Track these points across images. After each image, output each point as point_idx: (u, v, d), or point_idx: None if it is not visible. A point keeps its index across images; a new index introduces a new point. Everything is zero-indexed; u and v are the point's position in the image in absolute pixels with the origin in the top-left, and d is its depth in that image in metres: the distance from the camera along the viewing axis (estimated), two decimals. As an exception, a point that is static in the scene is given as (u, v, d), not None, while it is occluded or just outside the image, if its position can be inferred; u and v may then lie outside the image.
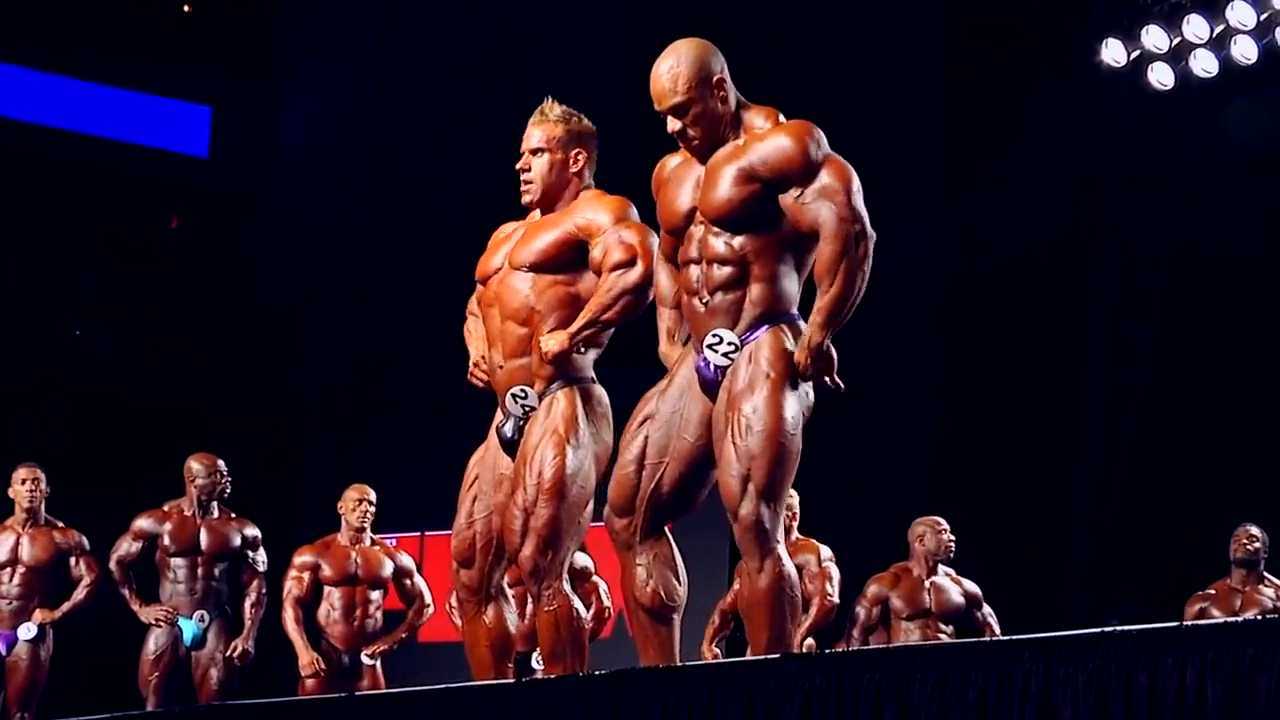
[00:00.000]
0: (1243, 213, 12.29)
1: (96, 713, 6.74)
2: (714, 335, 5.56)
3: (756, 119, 5.61)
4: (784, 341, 5.52)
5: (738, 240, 5.55)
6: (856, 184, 5.53)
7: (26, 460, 9.64)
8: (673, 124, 5.62)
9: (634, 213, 6.10)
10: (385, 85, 14.66)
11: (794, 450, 5.47)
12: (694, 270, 5.64)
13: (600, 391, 6.15)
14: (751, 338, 5.54)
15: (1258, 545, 9.64)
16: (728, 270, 5.57)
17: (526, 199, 6.20)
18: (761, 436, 5.41)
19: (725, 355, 5.54)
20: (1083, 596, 12.34)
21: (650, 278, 5.93)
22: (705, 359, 5.57)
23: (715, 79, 5.60)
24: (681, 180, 5.70)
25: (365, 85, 14.68)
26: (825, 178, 5.49)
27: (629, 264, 5.97)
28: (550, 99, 6.21)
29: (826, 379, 5.50)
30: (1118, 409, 12.69)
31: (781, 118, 5.64)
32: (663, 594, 5.71)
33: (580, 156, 6.17)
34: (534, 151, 6.17)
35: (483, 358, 6.25)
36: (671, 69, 5.61)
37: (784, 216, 5.53)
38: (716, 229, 5.58)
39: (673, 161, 5.79)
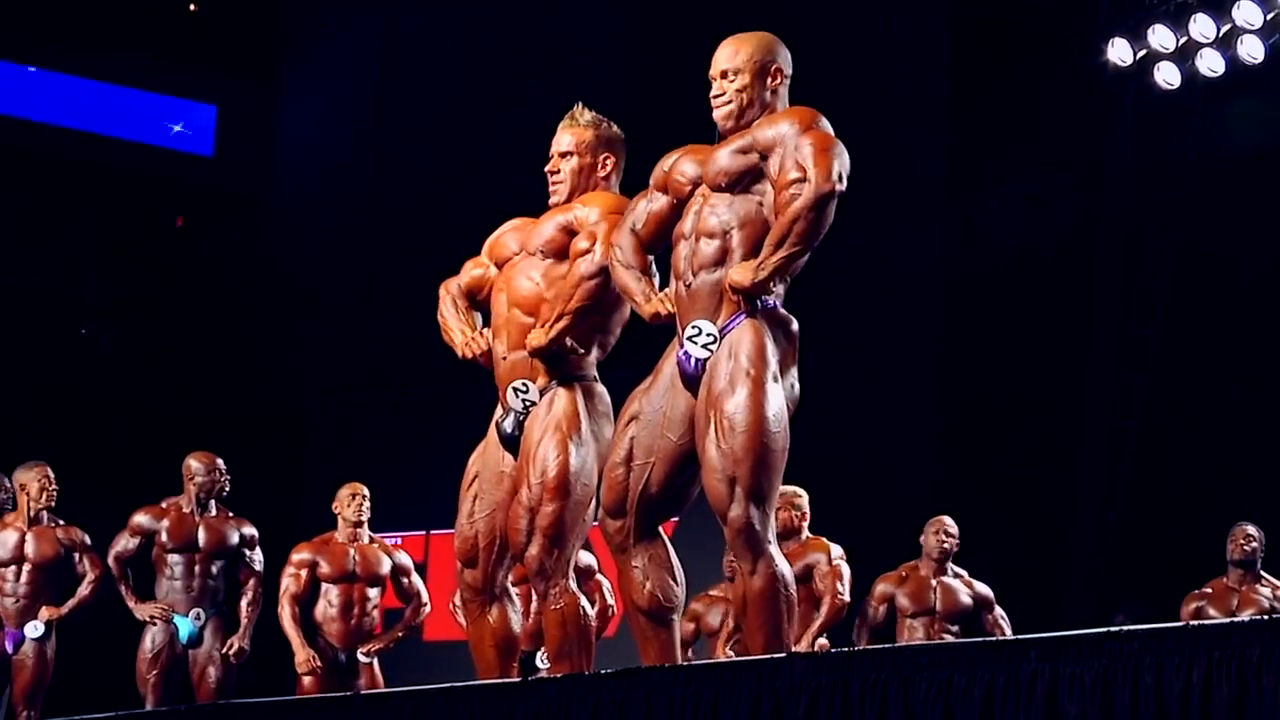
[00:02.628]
0: (1248, 212, 12.27)
1: (98, 711, 6.73)
2: (693, 327, 5.58)
3: (779, 116, 5.69)
4: (763, 336, 5.51)
5: (729, 213, 5.60)
6: (837, 149, 5.55)
7: (38, 459, 9.62)
8: (716, 86, 5.74)
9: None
10: (390, 85, 14.67)
11: (779, 448, 5.47)
12: (683, 248, 5.69)
13: (602, 389, 6.16)
14: (730, 327, 5.54)
15: (1254, 545, 9.62)
16: (714, 246, 5.60)
17: (554, 200, 6.24)
18: (745, 437, 5.40)
19: (705, 347, 5.55)
20: (1088, 596, 12.33)
21: (607, 263, 5.95)
22: (685, 351, 5.58)
23: (773, 68, 5.75)
24: (693, 156, 5.77)
25: (370, 85, 14.69)
26: (804, 141, 5.56)
27: (588, 252, 6.01)
28: (581, 104, 6.28)
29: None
30: (1122, 409, 12.68)
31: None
32: (660, 596, 5.71)
33: (609, 161, 6.23)
34: (563, 155, 6.24)
35: (479, 333, 6.25)
36: (740, 42, 5.78)
37: (768, 194, 5.57)
38: (714, 199, 5.63)
39: (675, 155, 5.83)
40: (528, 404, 6.07)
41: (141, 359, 13.93)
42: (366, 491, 9.69)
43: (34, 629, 9.41)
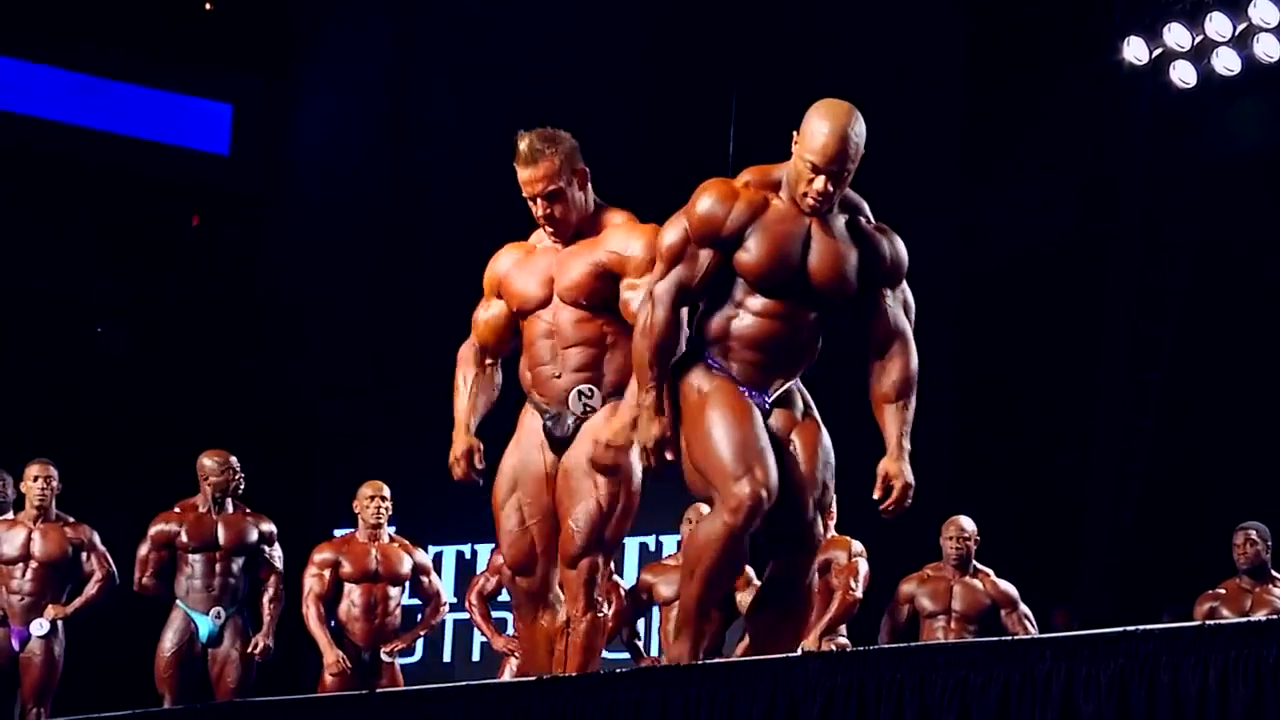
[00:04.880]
0: (1263, 210, 12.25)
1: (113, 709, 6.74)
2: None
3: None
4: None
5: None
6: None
7: (40, 456, 9.62)
8: (827, 183, 5.50)
9: None
10: (404, 86, 14.67)
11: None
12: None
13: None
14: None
15: (1257, 547, 9.58)
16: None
17: (555, 240, 6.01)
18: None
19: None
20: (1102, 596, 12.31)
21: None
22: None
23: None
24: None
25: (384, 86, 14.69)
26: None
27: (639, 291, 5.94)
28: (521, 133, 5.94)
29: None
30: (1136, 408, 12.66)
31: None
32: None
33: (580, 172, 6.00)
34: (546, 195, 5.94)
35: (475, 449, 6.15)
36: (860, 135, 5.54)
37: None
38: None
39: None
40: (588, 409, 5.97)
41: (155, 358, 13.95)
42: (387, 492, 9.67)
43: (39, 627, 9.40)
